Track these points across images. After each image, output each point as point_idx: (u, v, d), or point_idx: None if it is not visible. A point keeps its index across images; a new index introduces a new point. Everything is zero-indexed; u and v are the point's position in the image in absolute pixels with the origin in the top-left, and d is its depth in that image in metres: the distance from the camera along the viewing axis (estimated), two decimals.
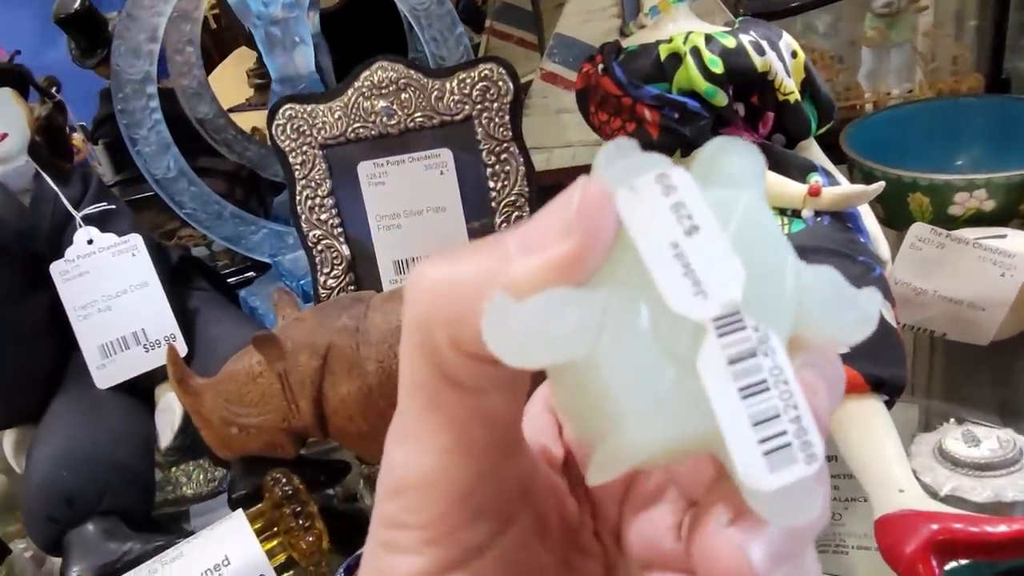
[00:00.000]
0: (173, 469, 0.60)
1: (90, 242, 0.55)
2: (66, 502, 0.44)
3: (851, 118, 0.66)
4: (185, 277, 0.63)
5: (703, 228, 0.14)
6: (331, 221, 0.52)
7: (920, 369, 0.53)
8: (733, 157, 0.15)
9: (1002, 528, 0.32)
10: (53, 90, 0.67)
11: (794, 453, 0.14)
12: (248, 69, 1.08)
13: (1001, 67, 0.69)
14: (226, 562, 0.38)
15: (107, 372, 0.54)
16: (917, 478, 0.37)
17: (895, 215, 0.56)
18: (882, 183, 0.45)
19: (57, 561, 0.46)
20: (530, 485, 0.18)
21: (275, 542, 0.42)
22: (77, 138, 0.91)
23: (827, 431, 0.14)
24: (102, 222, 0.56)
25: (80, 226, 0.55)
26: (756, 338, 0.14)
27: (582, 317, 0.14)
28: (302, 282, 0.63)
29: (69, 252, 0.55)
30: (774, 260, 0.15)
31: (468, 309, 0.14)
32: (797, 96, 0.49)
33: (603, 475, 0.15)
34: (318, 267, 0.54)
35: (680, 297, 0.14)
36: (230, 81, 1.03)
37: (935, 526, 0.33)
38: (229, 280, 0.73)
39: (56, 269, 0.54)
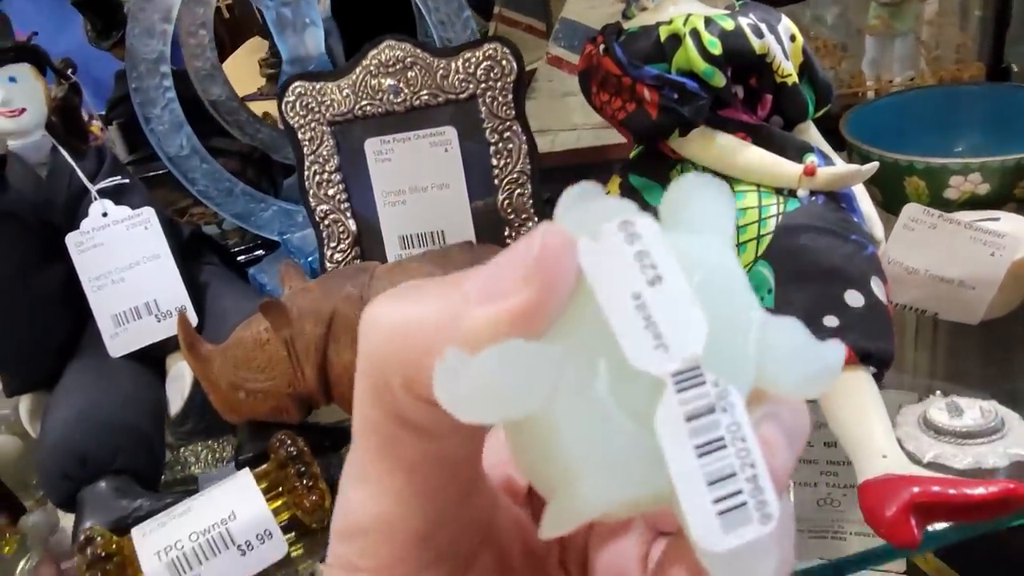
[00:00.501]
0: (182, 449, 0.62)
1: (104, 215, 0.57)
2: (79, 461, 0.46)
3: (853, 106, 0.67)
4: (196, 252, 0.64)
5: (667, 278, 0.14)
6: (338, 196, 0.54)
7: (909, 348, 0.54)
8: (704, 200, 0.15)
9: (980, 490, 0.33)
10: (69, 72, 0.68)
11: (749, 513, 0.14)
12: (260, 58, 1.09)
13: (1002, 56, 0.70)
14: (232, 517, 0.40)
15: (120, 341, 0.56)
16: (901, 446, 0.38)
17: (892, 199, 0.57)
18: (876, 164, 0.46)
19: (67, 537, 0.48)
20: (491, 522, 0.18)
21: (279, 502, 0.43)
22: (96, 125, 0.93)
23: (785, 487, 0.14)
24: (116, 195, 0.57)
25: (95, 199, 0.57)
26: (715, 394, 0.14)
27: (537, 372, 0.13)
28: (310, 259, 0.65)
29: (84, 224, 0.56)
30: (738, 312, 0.15)
31: (423, 354, 0.13)
32: (795, 79, 0.50)
33: (557, 530, 0.15)
34: (325, 241, 0.55)
35: (640, 351, 0.13)
36: (242, 70, 1.04)
37: (916, 489, 0.34)
38: (239, 258, 0.75)
39: (71, 240, 0.56)
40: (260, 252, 0.78)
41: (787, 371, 0.15)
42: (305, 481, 0.43)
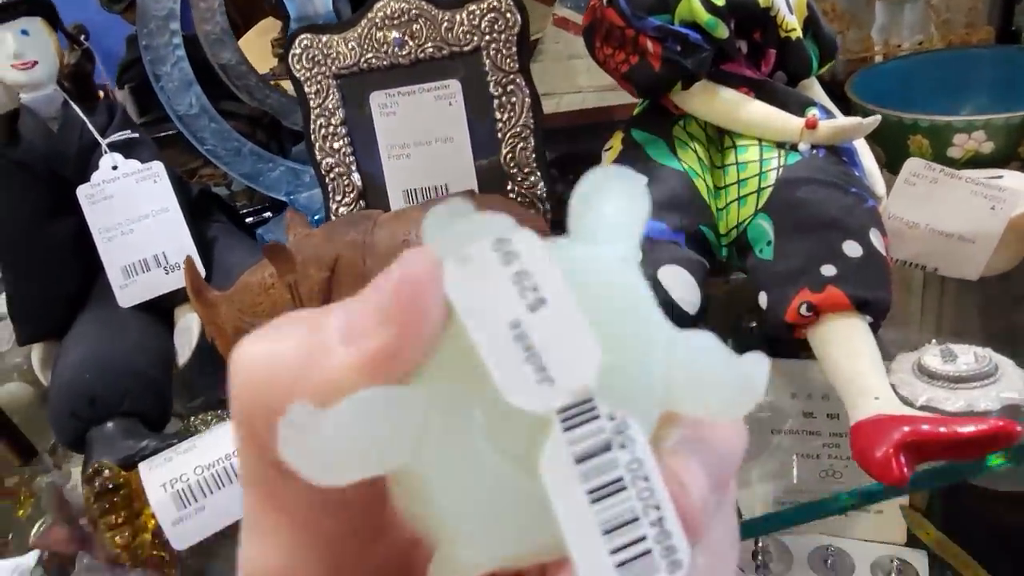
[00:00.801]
0: (192, 418, 0.63)
1: (115, 168, 0.58)
2: (89, 401, 0.47)
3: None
4: (205, 210, 0.65)
5: (551, 301, 0.12)
6: (344, 150, 0.54)
7: (909, 305, 0.54)
8: (607, 200, 0.13)
9: (969, 428, 0.33)
10: (82, 38, 0.69)
11: (654, 561, 0.12)
12: (272, 39, 1.09)
13: (1012, 19, 0.69)
14: (236, 453, 0.41)
15: (129, 292, 0.57)
16: (895, 392, 0.39)
17: (896, 158, 0.57)
18: (878, 117, 0.46)
19: (80, 497, 0.49)
20: (410, 563, 0.16)
21: None
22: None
23: (700, 526, 0.13)
24: (126, 149, 0.58)
25: (105, 152, 0.57)
26: (611, 428, 0.12)
27: (397, 424, 0.12)
28: (316, 217, 0.66)
29: (95, 177, 0.57)
30: (640, 332, 0.13)
31: (284, 399, 0.12)
32: (799, 33, 0.50)
33: None
34: (330, 195, 0.56)
35: (519, 387, 0.12)
36: (254, 51, 1.05)
37: (906, 428, 0.35)
38: (247, 220, 0.76)
39: (82, 192, 0.57)
40: (268, 214, 0.79)
41: (701, 392, 0.13)
42: None
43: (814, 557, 0.82)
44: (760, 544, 0.84)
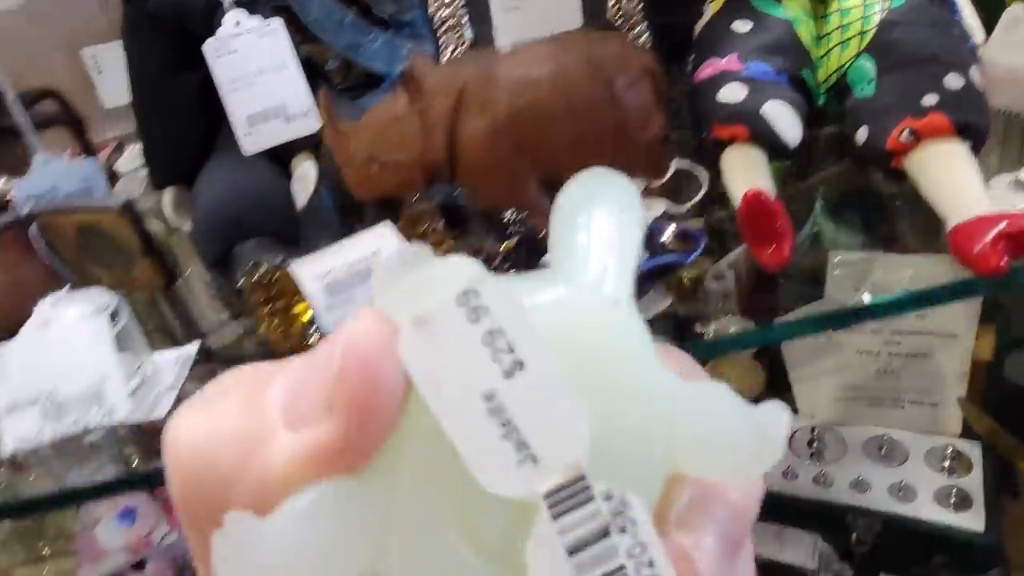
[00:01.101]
0: None
1: (237, 24, 0.62)
2: (233, 222, 0.52)
3: None
4: (309, 76, 0.69)
5: (531, 363, 0.10)
6: (457, 2, 0.57)
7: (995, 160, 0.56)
8: (598, 220, 0.12)
9: None
10: None
11: None
12: None
13: None
14: (376, 254, 0.45)
15: (253, 139, 0.61)
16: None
17: (992, 22, 0.58)
18: None
19: None
20: None
21: None
22: None
23: None
24: (249, 6, 0.62)
25: (230, 8, 0.61)
26: (609, 510, 0.11)
27: (353, 525, 0.11)
28: None
29: (220, 32, 0.61)
30: (637, 389, 0.11)
31: (225, 491, 0.11)
32: None
33: None
34: (442, 48, 0.59)
35: (496, 471, 0.10)
36: None
37: (1004, 222, 0.37)
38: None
39: (209, 47, 0.61)
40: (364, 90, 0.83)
41: (711, 453, 0.12)
42: (434, 236, 0.48)
43: (869, 446, 0.85)
44: (815, 432, 0.88)
